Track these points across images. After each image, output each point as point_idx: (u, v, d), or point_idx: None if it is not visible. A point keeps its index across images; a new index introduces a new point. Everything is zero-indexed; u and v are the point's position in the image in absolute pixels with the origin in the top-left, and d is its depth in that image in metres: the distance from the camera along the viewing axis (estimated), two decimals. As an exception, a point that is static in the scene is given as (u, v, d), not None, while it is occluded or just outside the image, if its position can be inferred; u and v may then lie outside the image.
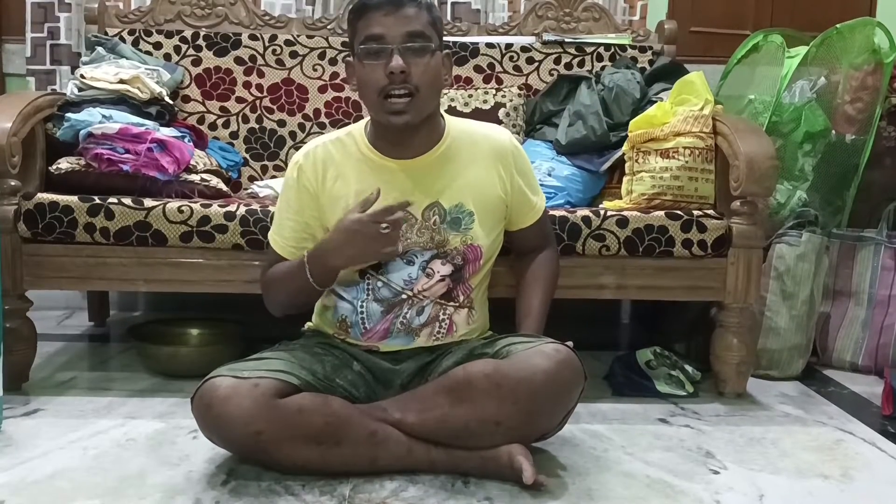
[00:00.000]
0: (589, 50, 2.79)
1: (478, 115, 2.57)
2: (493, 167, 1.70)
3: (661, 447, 1.86)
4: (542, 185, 2.33)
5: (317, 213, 1.69)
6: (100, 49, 2.51)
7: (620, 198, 2.29)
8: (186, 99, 2.68)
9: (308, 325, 1.86)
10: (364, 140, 1.68)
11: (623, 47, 2.80)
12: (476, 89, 2.68)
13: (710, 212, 2.18)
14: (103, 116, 2.19)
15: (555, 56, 2.79)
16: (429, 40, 1.57)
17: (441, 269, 1.70)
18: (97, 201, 2.03)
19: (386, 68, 1.53)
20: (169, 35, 2.70)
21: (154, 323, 2.54)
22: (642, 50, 2.80)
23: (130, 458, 1.72)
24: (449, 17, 2.89)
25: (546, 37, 2.81)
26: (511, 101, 2.63)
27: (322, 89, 2.72)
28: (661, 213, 2.14)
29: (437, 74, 1.60)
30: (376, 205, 1.57)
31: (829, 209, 2.61)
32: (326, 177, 1.67)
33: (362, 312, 1.72)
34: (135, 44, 2.66)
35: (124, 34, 2.67)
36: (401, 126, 1.57)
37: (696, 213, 2.15)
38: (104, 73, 2.33)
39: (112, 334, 2.81)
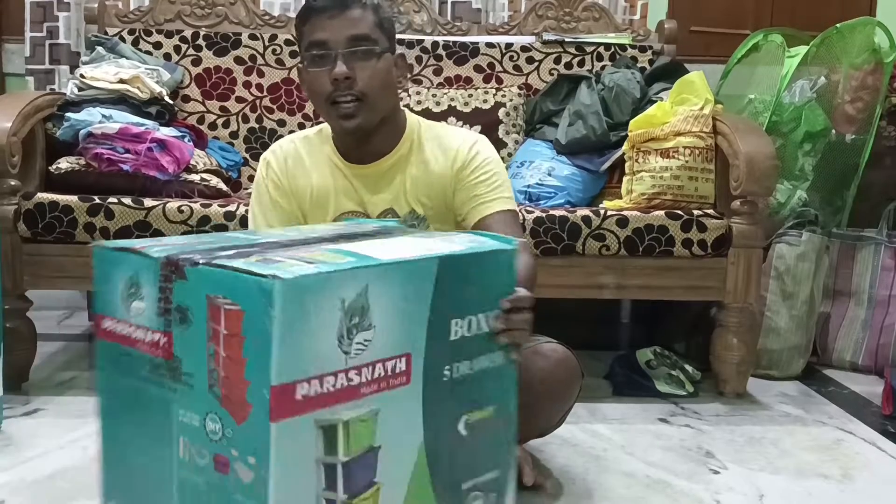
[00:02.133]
0: (589, 49, 2.79)
1: (478, 114, 2.57)
2: (448, 170, 1.60)
3: (661, 447, 1.86)
4: (541, 184, 2.35)
5: (294, 203, 1.63)
6: (100, 49, 2.51)
7: (620, 197, 2.29)
8: (186, 99, 2.67)
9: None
10: (330, 141, 1.66)
11: (623, 47, 2.80)
12: (476, 89, 2.68)
13: (710, 211, 2.18)
14: (103, 116, 2.19)
15: (555, 56, 2.79)
16: (374, 43, 1.51)
17: None
18: (97, 201, 2.03)
19: (330, 74, 1.51)
20: (169, 35, 2.70)
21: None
22: (642, 49, 2.80)
23: (130, 457, 1.72)
24: (449, 17, 2.89)
25: (546, 36, 2.80)
26: (511, 100, 2.63)
27: (322, 89, 2.72)
28: (661, 212, 2.14)
29: (385, 78, 1.53)
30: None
31: (829, 209, 2.61)
32: (291, 172, 1.62)
33: None
34: (135, 43, 2.66)
35: (124, 34, 2.67)
36: (352, 130, 1.53)
37: (696, 212, 2.15)
38: (104, 73, 2.33)
39: (112, 334, 2.81)
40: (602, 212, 2.15)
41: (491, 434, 1.11)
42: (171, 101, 2.46)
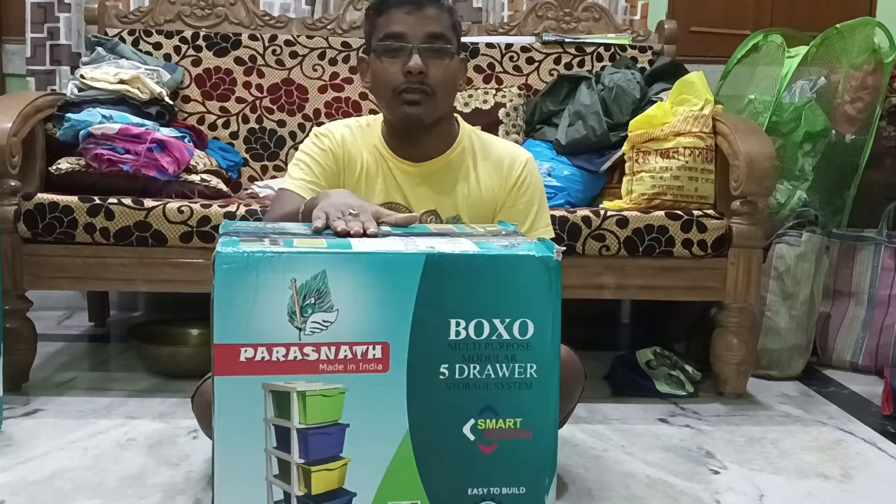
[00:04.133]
0: (589, 50, 2.79)
1: (478, 115, 2.57)
2: (495, 185, 1.65)
3: (661, 447, 1.86)
4: (542, 185, 2.34)
5: (336, 171, 1.61)
6: (100, 49, 2.51)
7: (620, 198, 2.29)
8: (186, 99, 2.68)
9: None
10: (379, 134, 1.66)
11: (623, 47, 2.80)
12: (476, 89, 2.68)
13: (710, 212, 2.18)
14: (103, 116, 2.19)
15: (555, 56, 2.79)
16: (448, 42, 1.54)
17: None
18: (97, 201, 2.04)
19: (403, 67, 1.51)
20: (169, 35, 2.70)
21: (154, 323, 2.54)
22: (642, 50, 2.80)
23: (130, 458, 1.72)
24: (449, 17, 2.89)
25: (546, 37, 2.80)
26: (511, 101, 2.63)
27: (322, 89, 2.72)
28: (661, 213, 2.15)
29: (452, 78, 1.57)
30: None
31: (829, 209, 2.61)
32: (347, 146, 1.62)
33: None
34: (135, 44, 2.66)
35: (124, 34, 2.67)
36: (413, 118, 1.54)
37: (696, 213, 2.15)
38: (104, 74, 2.33)
39: (112, 334, 2.81)
40: (602, 212, 2.15)
41: (515, 448, 1.10)
42: (171, 102, 2.46)
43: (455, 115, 1.65)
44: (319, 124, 2.65)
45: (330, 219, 1.21)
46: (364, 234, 1.17)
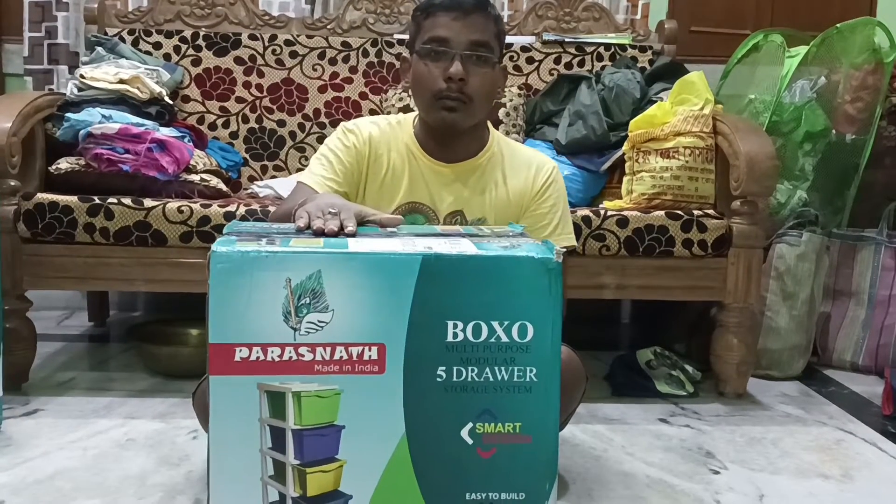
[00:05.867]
0: (589, 50, 2.79)
1: (478, 114, 2.56)
2: (522, 189, 1.65)
3: (661, 447, 1.86)
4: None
5: (358, 170, 1.61)
6: (99, 49, 2.51)
7: (620, 198, 2.29)
8: (186, 99, 2.67)
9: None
10: (411, 132, 1.66)
11: (623, 47, 2.80)
12: (476, 89, 2.68)
13: (711, 212, 2.18)
14: (103, 116, 2.19)
15: (555, 56, 2.79)
16: (491, 51, 1.54)
17: None
18: (97, 201, 2.04)
19: (445, 72, 1.51)
20: (169, 35, 2.70)
21: (154, 323, 2.54)
22: (642, 49, 2.80)
23: (130, 458, 1.72)
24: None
25: (546, 36, 2.80)
26: (511, 101, 2.63)
27: (322, 89, 2.72)
28: (662, 212, 2.14)
29: (492, 87, 1.57)
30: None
31: (830, 209, 2.61)
32: (374, 145, 1.62)
33: None
34: (134, 44, 2.66)
35: (124, 34, 2.67)
36: (448, 124, 1.54)
37: (696, 212, 2.15)
38: (104, 73, 2.33)
39: (112, 334, 2.81)
40: (602, 212, 2.15)
41: (514, 453, 1.08)
42: (170, 102, 2.45)
43: (487, 120, 1.66)
44: (319, 124, 2.70)
45: (311, 218, 1.21)
46: (340, 232, 1.16)
